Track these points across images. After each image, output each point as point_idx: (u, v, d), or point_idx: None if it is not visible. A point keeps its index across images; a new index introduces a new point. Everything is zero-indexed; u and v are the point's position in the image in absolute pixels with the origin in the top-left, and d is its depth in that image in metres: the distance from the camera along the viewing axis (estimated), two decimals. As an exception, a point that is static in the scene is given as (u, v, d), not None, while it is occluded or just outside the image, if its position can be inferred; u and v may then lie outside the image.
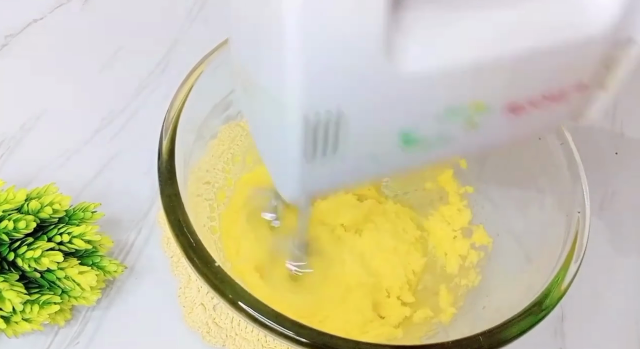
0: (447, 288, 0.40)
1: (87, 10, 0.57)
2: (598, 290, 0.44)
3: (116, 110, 0.50)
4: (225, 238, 0.40)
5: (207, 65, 0.38)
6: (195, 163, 0.39)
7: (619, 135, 0.53)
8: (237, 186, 0.43)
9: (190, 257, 0.30)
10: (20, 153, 0.47)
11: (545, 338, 0.42)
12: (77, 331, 0.39)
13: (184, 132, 0.35)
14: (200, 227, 0.36)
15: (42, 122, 0.49)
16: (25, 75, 0.52)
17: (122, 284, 0.41)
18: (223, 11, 0.58)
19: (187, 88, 0.36)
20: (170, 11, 0.58)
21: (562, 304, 0.41)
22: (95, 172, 0.46)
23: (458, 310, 0.39)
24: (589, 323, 0.43)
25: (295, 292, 0.40)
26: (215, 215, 0.40)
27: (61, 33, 0.55)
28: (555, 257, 0.33)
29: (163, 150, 0.34)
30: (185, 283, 0.41)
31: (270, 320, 0.29)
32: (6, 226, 0.36)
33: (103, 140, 0.48)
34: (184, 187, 0.34)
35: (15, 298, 0.35)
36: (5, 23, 0.55)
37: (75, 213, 0.39)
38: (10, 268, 0.36)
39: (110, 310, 0.40)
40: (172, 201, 0.32)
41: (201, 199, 0.40)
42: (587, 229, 0.34)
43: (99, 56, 0.54)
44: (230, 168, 0.43)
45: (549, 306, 0.31)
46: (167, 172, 0.33)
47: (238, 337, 0.39)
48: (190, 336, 0.39)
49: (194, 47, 0.39)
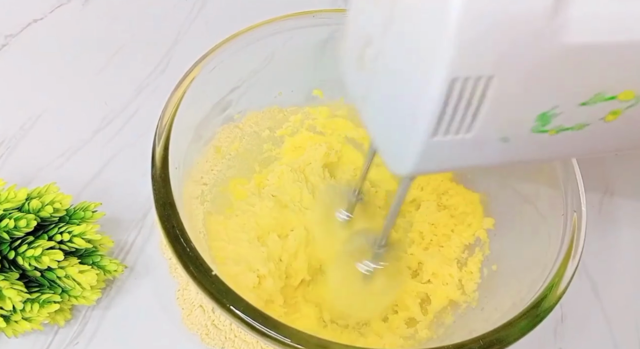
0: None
1: (87, 10, 0.57)
2: (598, 290, 0.44)
3: (116, 110, 0.50)
4: (213, 241, 0.39)
5: (203, 68, 0.38)
6: (192, 164, 0.39)
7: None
8: (231, 189, 0.43)
9: (186, 265, 0.30)
10: (21, 153, 0.47)
11: (545, 338, 0.42)
12: (77, 331, 0.39)
13: (180, 134, 0.35)
14: (196, 234, 0.36)
15: (42, 121, 0.49)
16: (26, 75, 0.52)
17: (122, 284, 0.41)
18: (223, 11, 0.58)
19: (179, 93, 0.36)
20: (170, 11, 0.58)
21: (562, 305, 0.41)
22: (95, 171, 0.46)
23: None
24: (589, 324, 0.43)
25: (358, 293, 0.38)
26: (212, 219, 0.40)
27: (61, 33, 0.55)
28: (553, 257, 0.33)
29: (156, 157, 0.34)
30: (184, 285, 0.41)
31: (268, 328, 0.29)
32: (7, 225, 0.36)
33: (103, 140, 0.48)
34: (179, 193, 0.34)
35: (15, 296, 0.35)
36: (5, 23, 0.55)
37: (76, 213, 0.39)
38: (10, 267, 0.36)
39: (109, 310, 0.40)
40: (167, 210, 0.32)
41: (197, 202, 0.40)
42: (584, 229, 0.34)
43: (99, 56, 0.54)
44: (229, 169, 0.43)
45: (548, 306, 0.31)
46: (160, 180, 0.33)
47: (237, 339, 0.39)
48: (189, 337, 0.39)
49: (194, 47, 0.39)
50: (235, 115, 0.43)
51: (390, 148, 0.26)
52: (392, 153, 0.26)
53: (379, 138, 0.27)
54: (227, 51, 0.39)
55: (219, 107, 0.41)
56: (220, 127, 0.42)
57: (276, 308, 0.38)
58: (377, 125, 0.27)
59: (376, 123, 0.27)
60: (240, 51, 0.40)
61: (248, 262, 0.38)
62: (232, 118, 0.43)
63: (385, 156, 0.26)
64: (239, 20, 0.41)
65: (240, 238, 0.39)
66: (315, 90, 0.45)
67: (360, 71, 0.26)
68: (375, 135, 0.27)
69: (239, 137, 0.44)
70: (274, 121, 0.45)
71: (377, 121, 0.27)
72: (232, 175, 0.43)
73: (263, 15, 0.41)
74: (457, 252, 0.42)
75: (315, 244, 0.41)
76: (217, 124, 0.42)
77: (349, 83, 0.28)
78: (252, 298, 0.34)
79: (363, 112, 0.27)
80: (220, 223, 0.40)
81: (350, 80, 0.28)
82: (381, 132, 0.26)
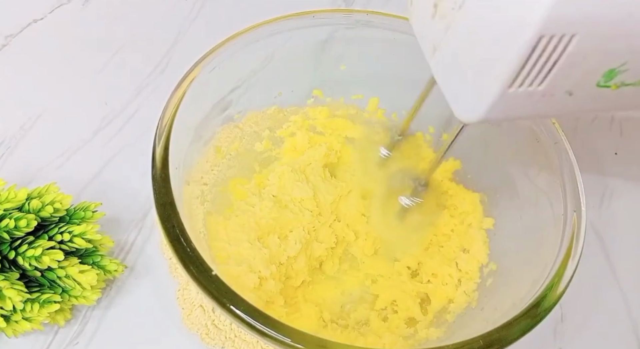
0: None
1: (87, 10, 0.57)
2: (597, 291, 0.44)
3: (116, 110, 0.50)
4: (213, 241, 0.40)
5: (203, 68, 0.38)
6: (192, 164, 0.39)
7: (618, 136, 0.54)
8: (231, 189, 0.43)
9: (186, 265, 0.30)
10: (21, 153, 0.47)
11: (544, 338, 0.42)
12: (77, 330, 0.39)
13: (180, 134, 0.35)
14: (197, 234, 0.36)
15: (42, 121, 0.49)
16: (26, 75, 0.52)
17: (122, 284, 0.41)
18: (223, 11, 0.58)
19: (180, 93, 0.36)
20: (170, 11, 0.58)
21: (561, 305, 0.41)
22: (95, 171, 0.46)
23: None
24: (589, 324, 0.43)
25: (396, 226, 0.40)
26: (212, 219, 0.40)
27: (61, 33, 0.55)
28: (552, 257, 0.33)
29: (157, 157, 0.34)
30: (184, 285, 0.41)
31: (268, 328, 0.29)
32: (7, 225, 0.36)
33: (103, 140, 0.48)
34: (179, 193, 0.34)
35: (15, 296, 0.35)
36: (5, 23, 0.55)
37: (76, 213, 0.39)
38: (11, 267, 0.36)
39: (110, 310, 0.40)
40: (167, 210, 0.32)
41: (197, 202, 0.40)
42: (584, 229, 0.34)
43: (99, 56, 0.54)
44: (229, 169, 0.43)
45: (548, 306, 0.31)
46: (161, 180, 0.33)
47: (237, 339, 0.39)
48: (189, 337, 0.39)
49: (194, 47, 0.39)
50: (235, 115, 0.43)
51: (462, 97, 0.27)
52: (463, 101, 0.27)
53: (449, 87, 0.28)
54: (227, 51, 0.39)
55: (219, 107, 0.41)
56: (221, 127, 0.42)
57: (277, 309, 0.38)
58: (448, 75, 0.28)
59: (447, 73, 0.28)
60: (240, 51, 0.40)
61: (250, 263, 0.38)
62: (232, 118, 0.43)
63: (454, 104, 0.28)
64: (239, 20, 0.41)
65: (241, 238, 0.39)
66: (315, 90, 0.45)
67: (436, 20, 0.27)
68: (445, 84, 0.28)
69: (239, 137, 0.44)
70: (274, 121, 0.45)
71: (449, 71, 0.28)
72: (232, 175, 0.43)
73: (263, 15, 0.41)
74: (456, 252, 0.42)
75: (360, 175, 0.44)
76: (217, 124, 0.42)
77: (419, 32, 0.30)
78: (252, 298, 0.34)
79: (433, 62, 0.29)
80: (221, 223, 0.40)
81: (421, 29, 0.29)
82: (452, 81, 0.28)
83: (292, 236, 0.41)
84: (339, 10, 0.42)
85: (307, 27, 0.42)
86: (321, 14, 0.42)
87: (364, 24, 0.42)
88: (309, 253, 0.41)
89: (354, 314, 0.40)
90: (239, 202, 0.43)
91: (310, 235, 0.42)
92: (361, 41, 0.43)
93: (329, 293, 0.41)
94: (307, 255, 0.41)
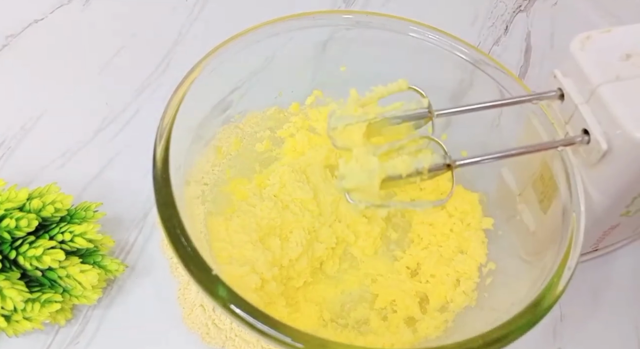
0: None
1: (87, 10, 0.57)
2: (597, 290, 0.44)
3: (117, 110, 0.50)
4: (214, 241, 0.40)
5: (203, 68, 0.38)
6: (193, 165, 0.39)
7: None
8: (232, 189, 0.43)
9: (186, 265, 0.31)
10: (22, 153, 0.47)
11: (544, 338, 0.42)
12: (78, 330, 0.39)
13: (181, 134, 0.35)
14: (197, 233, 0.36)
15: (43, 121, 0.49)
16: (26, 75, 0.52)
17: (123, 283, 0.41)
18: (223, 12, 0.58)
19: (180, 94, 0.36)
20: (170, 12, 0.58)
21: (561, 305, 0.41)
22: (96, 171, 0.47)
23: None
24: (588, 324, 0.43)
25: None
26: (213, 219, 0.40)
27: (62, 33, 0.55)
28: (552, 257, 0.33)
29: (157, 158, 0.34)
30: (185, 284, 0.41)
31: (268, 327, 0.29)
32: (8, 225, 0.36)
33: (104, 140, 0.48)
34: (180, 193, 0.34)
35: (16, 296, 0.35)
36: (5, 23, 0.55)
37: (77, 212, 0.39)
38: (11, 267, 0.36)
39: (110, 310, 0.40)
40: (168, 210, 0.32)
41: (198, 202, 0.40)
42: (582, 229, 0.34)
43: (99, 56, 0.54)
44: (229, 170, 0.43)
45: (547, 306, 0.31)
46: (162, 180, 0.33)
47: (238, 338, 0.39)
48: (189, 337, 0.39)
49: (195, 48, 0.39)
50: (235, 115, 0.43)
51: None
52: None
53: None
54: (228, 52, 0.39)
55: (220, 107, 0.41)
56: (221, 128, 0.42)
57: (278, 309, 0.38)
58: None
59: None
60: (240, 52, 0.40)
61: (252, 264, 0.38)
62: (232, 119, 0.43)
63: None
64: (239, 21, 0.41)
65: (243, 239, 0.40)
66: (316, 91, 0.46)
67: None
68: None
69: (239, 137, 0.44)
70: (275, 121, 0.46)
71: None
72: (232, 175, 0.44)
73: (263, 16, 0.41)
74: (455, 252, 0.42)
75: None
76: (217, 125, 0.42)
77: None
78: (253, 298, 0.34)
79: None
80: (221, 223, 0.40)
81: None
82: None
83: (293, 238, 0.41)
84: (339, 12, 0.42)
85: (307, 28, 0.42)
86: (321, 15, 0.42)
87: (364, 25, 0.42)
88: (310, 254, 0.41)
89: (354, 313, 0.40)
90: (239, 202, 0.43)
91: (311, 235, 0.42)
92: (361, 42, 0.44)
93: (329, 293, 0.41)
94: (309, 256, 0.41)
